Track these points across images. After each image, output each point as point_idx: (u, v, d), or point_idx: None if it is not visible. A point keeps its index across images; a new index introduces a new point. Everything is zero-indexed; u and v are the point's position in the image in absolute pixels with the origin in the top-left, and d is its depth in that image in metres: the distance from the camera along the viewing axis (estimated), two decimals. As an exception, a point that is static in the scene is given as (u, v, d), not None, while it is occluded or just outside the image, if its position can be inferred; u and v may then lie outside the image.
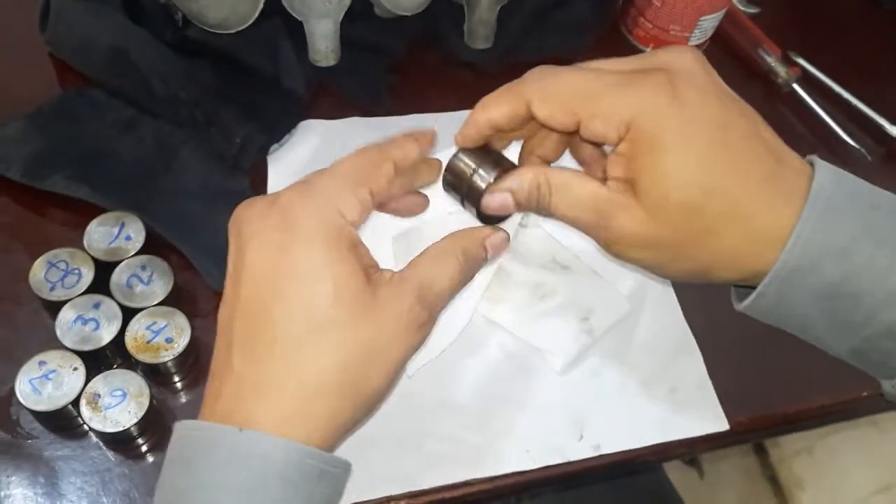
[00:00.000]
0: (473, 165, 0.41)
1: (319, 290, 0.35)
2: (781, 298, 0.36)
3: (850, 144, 0.65)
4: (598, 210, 0.38)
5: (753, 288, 0.37)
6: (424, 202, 0.44)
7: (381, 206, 0.41)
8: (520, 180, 0.40)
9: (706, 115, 0.35)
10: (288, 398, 0.35)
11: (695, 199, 0.35)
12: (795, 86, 0.67)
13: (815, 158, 0.37)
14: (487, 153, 0.42)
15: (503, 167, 0.42)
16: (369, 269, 0.37)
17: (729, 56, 0.71)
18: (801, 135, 0.66)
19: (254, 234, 0.36)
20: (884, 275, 0.35)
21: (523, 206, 0.40)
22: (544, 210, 0.40)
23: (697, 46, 0.69)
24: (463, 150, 0.42)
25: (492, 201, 0.40)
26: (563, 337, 0.51)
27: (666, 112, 0.35)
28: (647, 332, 0.54)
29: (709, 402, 0.52)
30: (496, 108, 0.39)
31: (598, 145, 0.42)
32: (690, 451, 0.52)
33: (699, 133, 0.35)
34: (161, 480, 0.37)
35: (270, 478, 0.34)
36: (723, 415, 0.51)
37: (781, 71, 0.68)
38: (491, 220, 0.43)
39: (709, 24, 0.66)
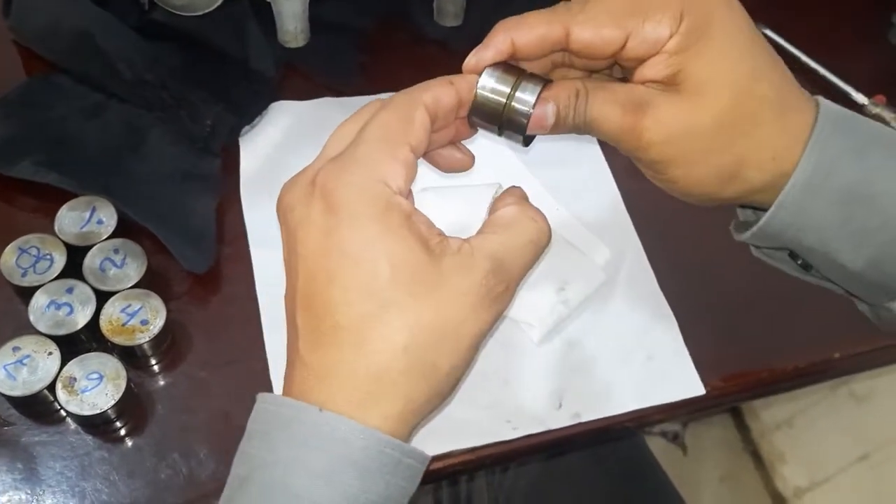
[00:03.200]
0: (511, 85, 0.37)
1: (374, 271, 0.33)
2: (802, 204, 0.37)
3: (817, 113, 0.65)
4: (636, 101, 0.37)
5: (762, 213, 0.38)
6: (468, 160, 0.41)
7: (422, 155, 0.37)
8: (558, 89, 0.37)
9: (743, 13, 0.37)
10: (358, 385, 0.33)
11: (744, 82, 0.36)
12: (763, 56, 0.68)
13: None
14: (515, 70, 0.38)
15: (540, 80, 0.38)
16: (430, 240, 0.34)
17: (697, 29, 0.71)
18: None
19: (300, 221, 0.34)
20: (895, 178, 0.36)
21: (561, 121, 0.38)
22: (580, 118, 0.38)
23: (666, 20, 0.69)
24: (490, 71, 0.37)
25: (534, 121, 0.37)
26: (540, 308, 0.52)
27: (713, 4, 0.36)
28: (623, 302, 0.54)
29: (685, 368, 0.52)
30: (527, 30, 0.36)
31: (632, 68, 0.39)
32: (668, 416, 0.52)
33: (743, 26, 0.36)
34: (239, 451, 0.35)
35: (348, 464, 0.33)
36: (699, 380, 0.52)
37: (749, 42, 0.68)
38: (528, 141, 0.39)
39: None
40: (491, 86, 0.37)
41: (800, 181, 0.36)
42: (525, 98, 0.37)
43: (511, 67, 0.38)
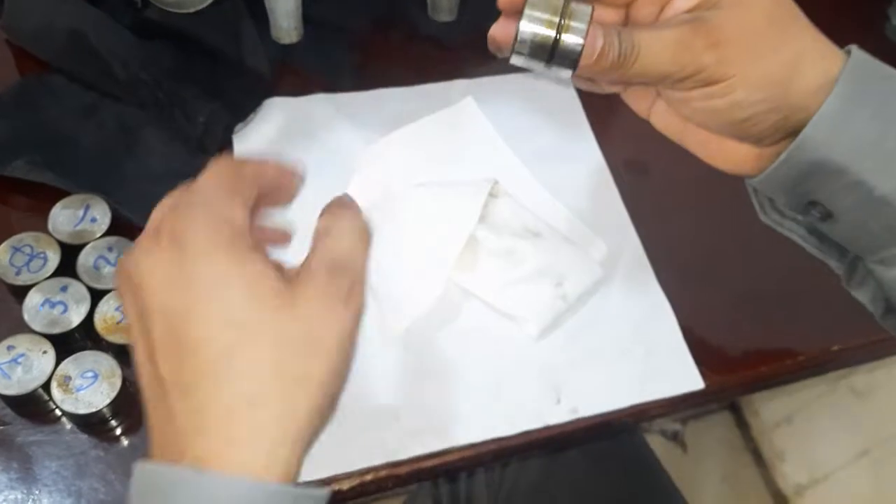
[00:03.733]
0: (559, 10, 0.35)
1: (232, 295, 0.32)
2: (840, 118, 0.37)
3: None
4: (685, 22, 0.37)
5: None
6: (287, 238, 0.41)
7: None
8: (603, 20, 0.38)
9: None
10: (236, 419, 0.31)
11: None
12: (759, 51, 0.68)
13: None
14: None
15: (589, 8, 0.36)
16: (278, 266, 0.34)
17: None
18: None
19: (146, 272, 0.33)
20: None
21: (606, 50, 0.36)
22: (629, 45, 0.37)
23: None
24: (531, 4, 0.35)
25: (588, 47, 0.36)
26: (538, 303, 0.52)
27: None
28: (622, 297, 0.54)
29: (684, 363, 0.52)
30: None
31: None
32: (667, 410, 0.52)
33: None
34: None
35: None
36: (698, 374, 0.51)
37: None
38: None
39: None
40: (537, 15, 0.35)
41: (841, 91, 0.37)
42: (577, 26, 0.35)
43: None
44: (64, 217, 0.50)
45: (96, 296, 0.47)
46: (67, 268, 0.48)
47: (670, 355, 0.52)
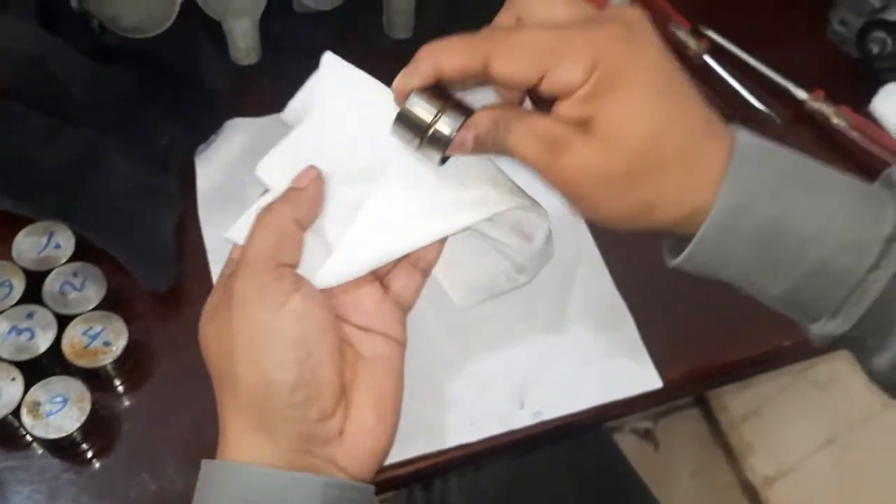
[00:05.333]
0: (434, 112, 0.40)
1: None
2: (720, 243, 0.38)
3: (760, 109, 0.67)
4: (554, 140, 0.38)
5: (688, 242, 0.39)
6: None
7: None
8: (479, 118, 0.40)
9: (657, 64, 0.38)
10: (229, 425, 0.42)
11: (654, 131, 0.37)
12: (706, 57, 0.70)
13: (734, 126, 0.40)
14: (443, 95, 0.40)
15: (465, 110, 0.40)
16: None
17: (642, 33, 0.73)
18: (714, 103, 0.66)
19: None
20: (808, 215, 0.38)
21: (480, 146, 0.40)
22: (500, 145, 0.40)
23: (611, 25, 0.71)
24: (418, 92, 0.40)
25: (453, 146, 0.40)
26: (477, 277, 0.52)
27: (625, 56, 0.37)
28: (580, 301, 0.56)
29: (642, 363, 0.54)
30: (449, 58, 0.39)
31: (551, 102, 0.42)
32: (628, 410, 0.54)
33: (653, 77, 0.38)
34: None
35: (236, 500, 0.39)
36: (656, 373, 0.53)
37: (692, 43, 0.70)
38: (444, 160, 0.43)
39: (620, 1, 0.69)
40: (418, 107, 0.40)
41: (715, 222, 0.38)
42: (446, 127, 0.40)
43: (438, 92, 0.40)
44: (28, 244, 0.51)
45: (63, 321, 0.48)
46: (33, 294, 0.49)
47: (629, 356, 0.54)
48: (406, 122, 0.41)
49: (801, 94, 0.69)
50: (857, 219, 0.38)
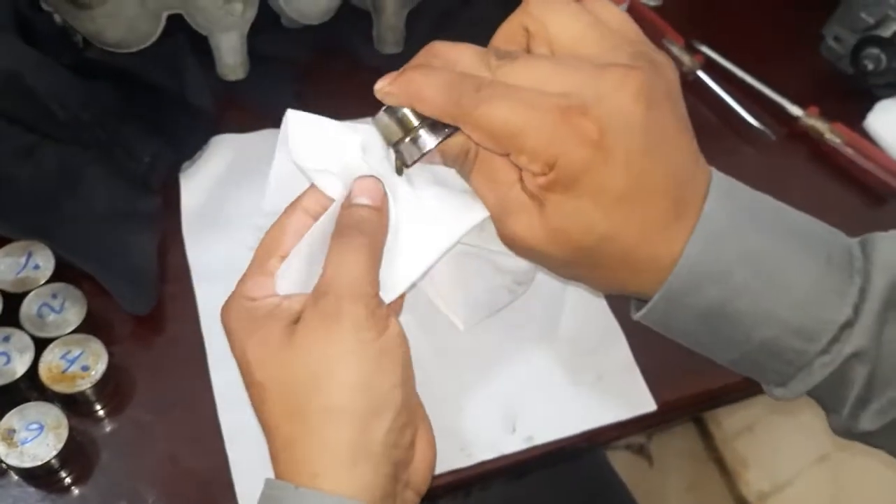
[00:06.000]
0: (416, 123, 0.39)
1: (246, 370, 0.39)
2: (668, 315, 0.39)
3: (754, 126, 0.67)
4: (506, 203, 0.38)
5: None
6: None
7: None
8: (451, 145, 0.39)
9: (624, 166, 0.35)
10: (281, 455, 0.38)
11: (590, 243, 0.37)
12: (700, 73, 0.69)
13: (714, 174, 0.38)
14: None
15: (444, 130, 0.39)
16: (297, 315, 0.39)
17: (635, 48, 0.73)
18: (708, 119, 0.69)
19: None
20: (758, 297, 0.37)
21: (448, 164, 0.41)
22: (463, 175, 0.40)
23: (604, 40, 0.70)
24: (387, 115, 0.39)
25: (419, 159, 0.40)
26: (480, 292, 0.51)
27: (587, 165, 0.35)
28: (573, 322, 0.55)
29: (636, 385, 0.53)
30: (426, 106, 0.38)
31: None
32: (621, 434, 0.52)
33: (612, 185, 0.35)
34: None
35: None
36: (650, 396, 0.52)
37: (686, 59, 0.70)
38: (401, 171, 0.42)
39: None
40: (398, 114, 0.39)
41: (664, 298, 0.37)
42: (424, 140, 0.39)
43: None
44: (5, 265, 0.49)
45: (40, 345, 0.47)
46: (10, 316, 0.47)
47: (622, 379, 0.53)
48: (383, 125, 0.40)
49: (795, 110, 0.68)
50: (812, 303, 0.37)
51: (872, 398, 0.38)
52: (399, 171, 0.42)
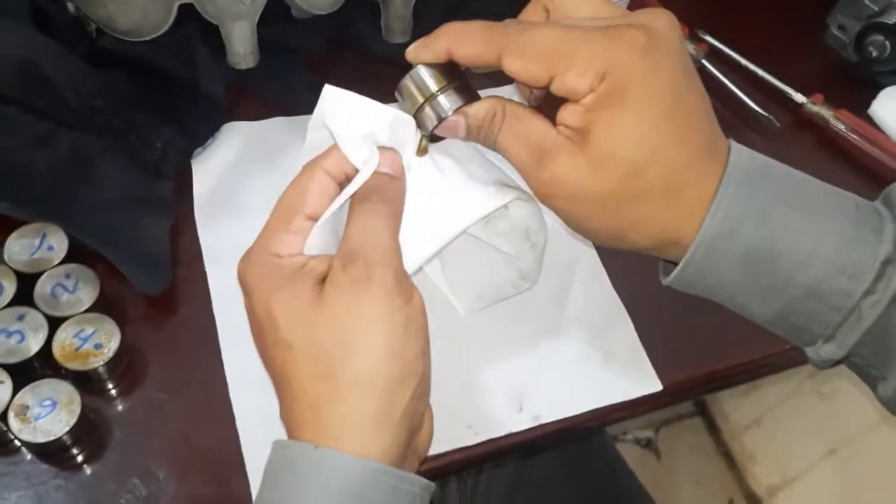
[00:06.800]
0: (436, 88, 0.40)
1: (270, 326, 0.38)
2: (707, 266, 0.38)
3: (760, 114, 0.67)
4: (542, 148, 0.38)
5: (677, 264, 0.39)
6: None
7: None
8: (477, 108, 0.40)
9: (669, 81, 0.36)
10: (306, 415, 0.38)
11: (641, 159, 0.36)
12: (704, 62, 0.70)
13: (732, 141, 0.39)
14: (451, 74, 0.40)
15: (466, 95, 0.40)
16: (323, 276, 0.39)
17: (640, 37, 0.73)
18: (713, 107, 0.69)
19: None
20: (798, 237, 0.36)
21: (472, 134, 0.41)
22: (490, 140, 0.40)
23: (609, 30, 0.71)
24: (427, 66, 0.40)
25: (445, 126, 0.41)
26: (486, 284, 0.52)
27: (637, 70, 0.36)
28: (578, 304, 0.55)
29: (642, 366, 0.53)
30: (465, 45, 0.38)
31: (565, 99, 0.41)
32: (628, 414, 0.53)
33: (660, 97, 0.36)
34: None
35: (346, 496, 0.36)
36: (655, 376, 0.53)
37: (690, 48, 0.70)
38: (435, 138, 0.42)
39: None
40: (419, 79, 0.40)
41: (704, 243, 0.37)
42: (443, 105, 0.40)
43: (449, 69, 0.40)
44: (20, 246, 0.50)
45: (54, 323, 0.47)
46: (24, 297, 0.48)
47: (628, 359, 0.53)
48: (405, 92, 0.41)
49: (799, 98, 0.68)
50: (851, 240, 0.36)
51: None
52: (424, 149, 0.42)
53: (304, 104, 0.62)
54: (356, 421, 0.37)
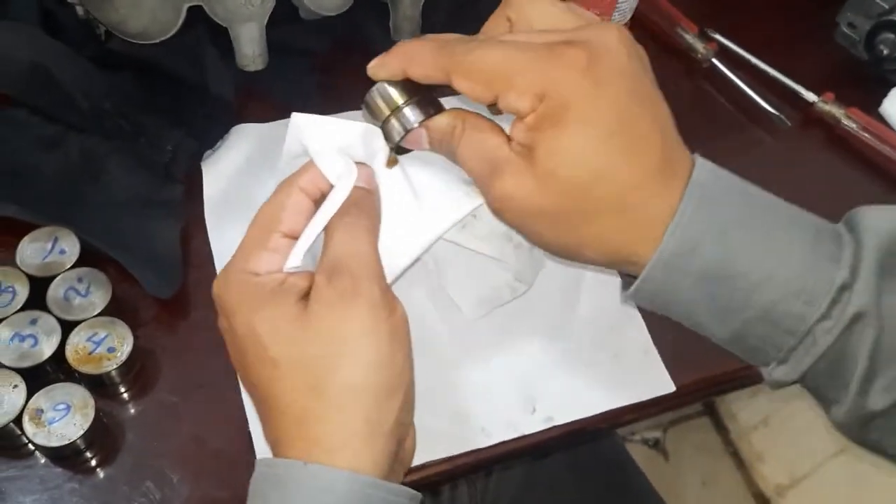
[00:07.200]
0: (402, 101, 0.41)
1: (254, 345, 0.38)
2: (665, 283, 0.37)
3: (770, 112, 0.67)
4: (492, 164, 0.38)
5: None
6: None
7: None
8: (438, 121, 0.41)
9: (612, 100, 0.36)
10: (291, 432, 0.38)
11: (583, 179, 0.36)
12: (714, 60, 0.70)
13: (697, 156, 0.39)
14: (417, 85, 0.41)
15: (431, 107, 0.41)
16: (304, 291, 0.39)
17: (648, 36, 0.73)
18: (723, 106, 0.69)
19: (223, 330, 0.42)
20: (756, 259, 0.36)
21: (435, 146, 0.42)
22: (451, 153, 0.41)
23: (618, 29, 0.71)
24: (390, 81, 0.42)
25: (410, 138, 0.42)
26: (482, 287, 0.52)
27: (577, 90, 0.36)
28: (590, 304, 0.55)
29: (654, 366, 0.53)
30: (417, 66, 0.40)
31: None
32: (641, 415, 0.53)
33: (602, 117, 0.36)
34: None
35: None
36: (668, 377, 0.52)
37: (699, 47, 0.70)
38: (402, 150, 0.44)
39: (627, 6, 0.68)
40: (385, 92, 0.42)
41: (663, 260, 0.36)
42: (408, 118, 0.41)
43: (414, 81, 0.41)
44: (32, 250, 0.50)
45: (67, 327, 0.47)
46: (37, 301, 0.48)
47: (641, 360, 0.53)
48: (372, 105, 0.42)
49: (810, 96, 0.68)
50: (808, 265, 0.36)
51: (879, 371, 0.37)
52: (393, 160, 0.43)
53: (312, 106, 0.62)
54: (347, 433, 0.37)
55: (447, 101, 0.43)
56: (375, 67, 0.41)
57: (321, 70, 0.65)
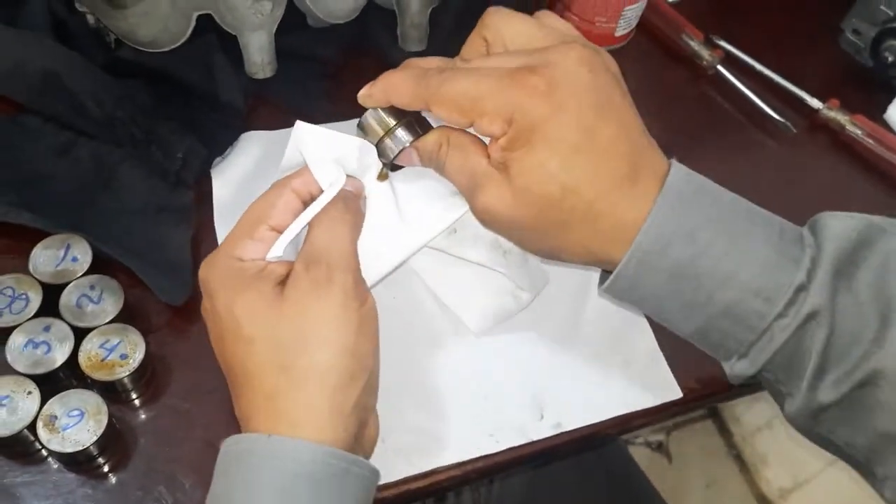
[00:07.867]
0: (394, 123, 0.45)
1: (232, 324, 0.41)
2: (637, 279, 0.41)
3: (775, 119, 0.67)
4: (474, 179, 0.42)
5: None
6: None
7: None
8: (425, 140, 0.45)
9: (574, 119, 0.39)
10: (262, 405, 0.41)
11: (553, 194, 0.40)
12: (719, 67, 0.70)
13: (673, 161, 0.42)
14: (398, 115, 0.45)
15: (421, 128, 0.45)
16: (283, 278, 0.42)
17: (654, 43, 0.73)
18: (728, 112, 0.69)
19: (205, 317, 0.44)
20: (721, 259, 0.39)
21: (424, 163, 0.45)
22: (439, 168, 0.44)
23: (623, 36, 0.71)
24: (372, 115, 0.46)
25: (401, 156, 0.46)
26: (484, 301, 0.52)
27: (540, 114, 0.39)
28: (597, 311, 0.55)
29: (661, 372, 0.53)
30: (399, 97, 0.43)
31: None
32: (648, 421, 0.53)
33: (566, 135, 0.39)
34: (209, 493, 0.41)
35: (299, 479, 0.38)
36: (675, 383, 0.53)
37: (705, 54, 0.70)
38: (395, 167, 0.47)
39: (632, 13, 0.69)
40: (378, 115, 0.46)
41: (634, 259, 0.40)
42: (400, 138, 0.45)
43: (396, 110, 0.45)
44: (44, 257, 0.51)
45: (80, 334, 0.48)
46: (49, 307, 0.49)
47: (648, 366, 0.53)
48: (367, 127, 0.46)
49: (815, 103, 0.69)
50: (769, 266, 0.39)
51: (829, 368, 0.40)
52: (384, 175, 0.47)
53: (321, 112, 0.63)
54: (311, 409, 0.40)
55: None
56: (364, 98, 0.45)
57: (329, 77, 0.65)
